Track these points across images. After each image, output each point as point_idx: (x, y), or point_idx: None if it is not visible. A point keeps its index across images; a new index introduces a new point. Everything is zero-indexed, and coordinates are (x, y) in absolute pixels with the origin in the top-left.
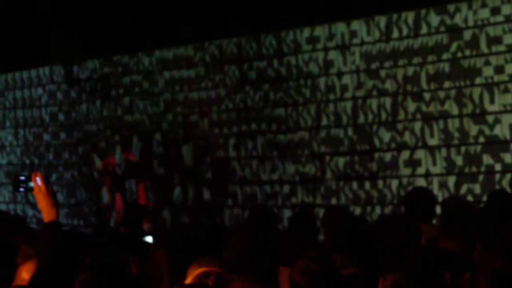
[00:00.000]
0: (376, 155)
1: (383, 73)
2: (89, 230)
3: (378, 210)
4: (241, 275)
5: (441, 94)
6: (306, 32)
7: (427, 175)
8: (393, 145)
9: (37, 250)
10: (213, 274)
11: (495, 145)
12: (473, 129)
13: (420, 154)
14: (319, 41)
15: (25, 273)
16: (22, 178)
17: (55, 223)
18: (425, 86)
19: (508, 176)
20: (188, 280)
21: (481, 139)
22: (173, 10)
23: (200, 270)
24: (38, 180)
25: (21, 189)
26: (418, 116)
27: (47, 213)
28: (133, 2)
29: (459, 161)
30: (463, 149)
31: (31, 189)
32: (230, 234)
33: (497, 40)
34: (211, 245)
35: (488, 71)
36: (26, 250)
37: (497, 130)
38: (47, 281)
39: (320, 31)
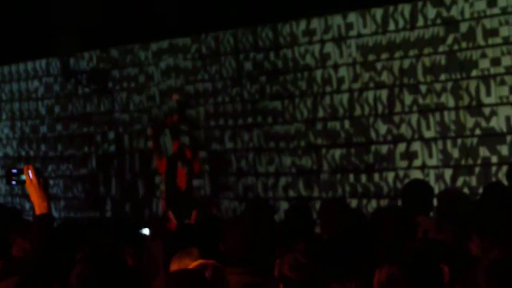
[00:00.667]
0: (373, 147)
1: (379, 65)
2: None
3: (374, 203)
4: (237, 267)
5: (438, 86)
6: (302, 24)
7: (423, 167)
8: (389, 137)
9: (30, 243)
10: (210, 266)
11: (491, 138)
12: (470, 122)
13: (416, 146)
14: (316, 34)
15: None
16: (14, 171)
17: (47, 216)
18: (421, 79)
19: (504, 168)
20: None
21: (478, 132)
22: (170, 1)
23: (196, 262)
24: (30, 173)
25: (13, 182)
26: (415, 108)
27: (38, 205)
28: None
29: (455, 153)
30: (459, 141)
31: (23, 182)
32: (227, 227)
33: (494, 32)
34: (208, 237)
35: (484, 64)
36: (22, 243)
37: (494, 123)
38: (39, 273)
39: (316, 23)
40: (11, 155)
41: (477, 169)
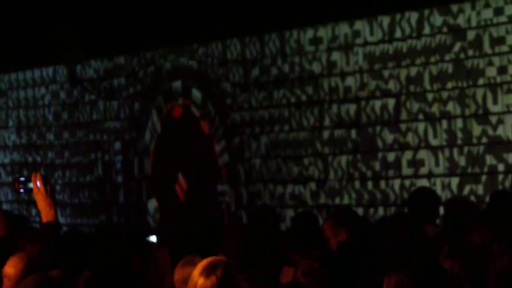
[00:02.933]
0: (379, 154)
1: (386, 73)
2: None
3: (381, 211)
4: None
5: (444, 94)
6: (309, 32)
7: (430, 175)
8: (396, 145)
9: (38, 250)
10: (221, 264)
11: (498, 146)
12: (476, 130)
13: (423, 154)
14: (322, 42)
15: (8, 268)
16: (22, 179)
17: (54, 223)
18: (428, 87)
19: (510, 176)
20: (196, 271)
21: (484, 140)
22: (176, 9)
23: (208, 259)
24: (38, 181)
25: (21, 190)
26: (421, 116)
27: (46, 213)
28: (136, 2)
29: (462, 161)
30: (466, 149)
31: (31, 190)
32: (225, 234)
33: (500, 40)
34: (214, 245)
35: (491, 72)
36: (31, 249)
37: (500, 131)
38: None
39: (323, 31)
40: (17, 162)
41: (483, 178)
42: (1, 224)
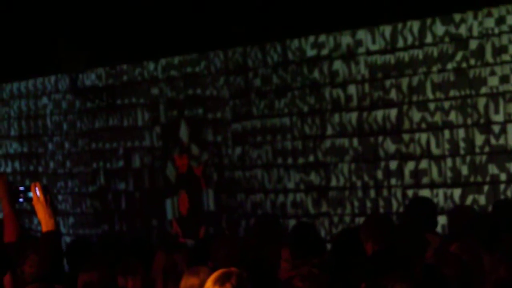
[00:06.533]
0: (382, 164)
1: (388, 83)
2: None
3: None
4: None
5: (446, 104)
6: (311, 40)
7: (432, 185)
8: (398, 155)
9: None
10: (234, 273)
11: (500, 155)
12: (479, 139)
13: (425, 164)
14: (324, 51)
15: None
16: (22, 188)
17: (54, 233)
18: (430, 96)
19: None
20: (208, 283)
21: (487, 149)
22: (178, 18)
23: (219, 271)
24: (37, 190)
25: (21, 200)
26: (423, 126)
27: (45, 223)
28: (138, 11)
29: (464, 171)
30: (468, 159)
31: (30, 199)
32: (215, 243)
33: (503, 49)
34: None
35: (493, 81)
36: (35, 258)
37: (503, 140)
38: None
39: (325, 40)
40: (19, 171)
41: (486, 187)
42: (12, 227)
